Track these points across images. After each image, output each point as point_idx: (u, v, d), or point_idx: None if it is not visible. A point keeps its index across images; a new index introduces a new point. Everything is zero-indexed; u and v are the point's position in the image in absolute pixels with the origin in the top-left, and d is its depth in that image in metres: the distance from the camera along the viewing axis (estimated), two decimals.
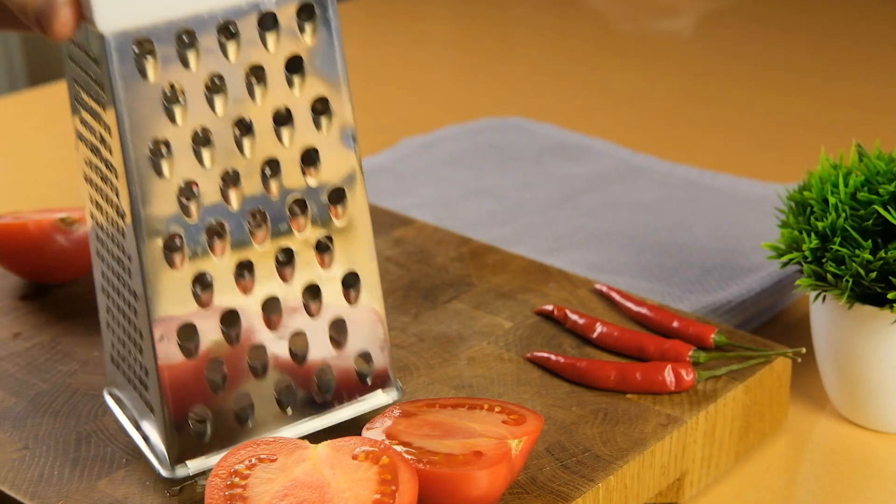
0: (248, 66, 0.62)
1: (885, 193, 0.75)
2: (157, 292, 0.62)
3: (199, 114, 0.62)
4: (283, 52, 0.63)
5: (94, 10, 0.57)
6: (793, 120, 1.29)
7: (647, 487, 0.69)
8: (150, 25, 0.59)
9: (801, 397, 0.82)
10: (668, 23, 1.62)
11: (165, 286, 0.63)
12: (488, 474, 0.61)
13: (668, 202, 1.06)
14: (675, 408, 0.72)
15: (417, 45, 1.57)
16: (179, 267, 0.63)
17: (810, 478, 0.76)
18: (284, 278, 0.66)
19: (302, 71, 0.63)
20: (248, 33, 0.62)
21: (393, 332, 0.80)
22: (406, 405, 0.68)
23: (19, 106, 1.38)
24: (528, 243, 0.98)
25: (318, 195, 0.65)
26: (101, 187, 0.65)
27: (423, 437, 0.64)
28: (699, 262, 0.95)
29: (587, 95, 1.38)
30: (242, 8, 0.60)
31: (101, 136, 0.63)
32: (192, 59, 0.61)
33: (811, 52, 1.48)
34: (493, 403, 0.68)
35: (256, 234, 0.64)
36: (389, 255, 0.89)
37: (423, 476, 0.61)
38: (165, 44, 0.59)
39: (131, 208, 0.61)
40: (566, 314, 0.80)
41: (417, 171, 1.13)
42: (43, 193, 1.13)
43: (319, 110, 0.65)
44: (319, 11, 0.63)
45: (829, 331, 0.78)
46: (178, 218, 0.62)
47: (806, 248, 0.75)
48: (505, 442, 0.64)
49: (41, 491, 0.66)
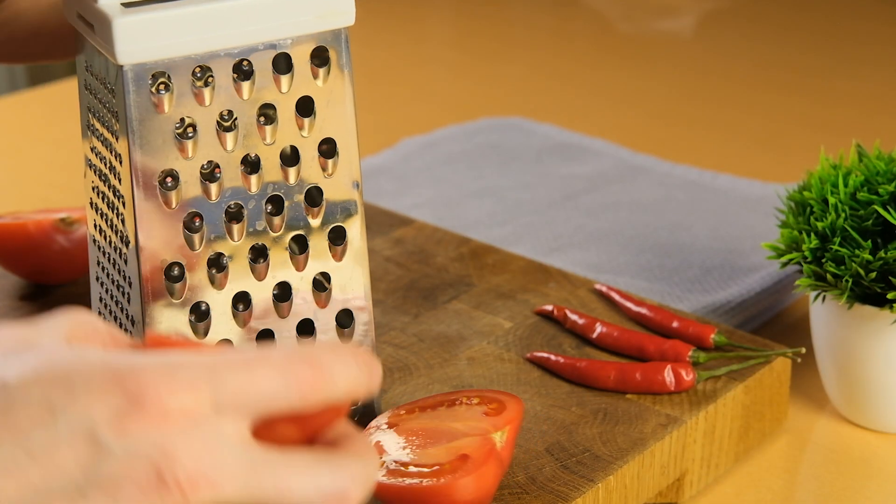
0: (260, 104, 0.63)
1: (885, 193, 0.75)
2: (155, 319, 0.63)
3: (209, 148, 0.62)
4: (295, 93, 0.64)
5: (115, 42, 0.58)
6: (793, 120, 1.29)
7: (647, 487, 0.69)
8: (167, 59, 0.59)
9: (801, 397, 0.82)
10: (668, 23, 1.62)
11: (163, 314, 0.63)
12: (475, 478, 0.61)
13: (667, 202, 1.06)
14: (674, 408, 0.72)
15: (417, 45, 1.57)
16: (179, 296, 0.63)
17: (810, 478, 0.76)
18: (281, 314, 0.66)
19: (312, 113, 0.64)
20: (262, 72, 0.62)
21: (393, 332, 0.80)
22: (389, 416, 0.68)
23: (19, 106, 1.38)
24: (527, 243, 0.98)
25: (320, 233, 0.66)
26: (106, 214, 0.66)
27: (407, 449, 0.64)
28: (699, 262, 0.95)
29: (587, 95, 1.38)
30: (258, 47, 0.61)
31: (110, 164, 0.64)
32: (206, 95, 0.61)
33: (811, 52, 1.48)
34: (471, 395, 0.68)
35: (257, 270, 0.65)
36: (389, 255, 0.89)
37: (413, 492, 0.61)
38: (181, 78, 0.60)
39: (136, 236, 0.62)
40: (566, 314, 0.80)
41: (417, 171, 1.13)
42: (43, 193, 1.13)
43: (326, 152, 0.65)
44: (334, 56, 0.64)
45: (829, 331, 0.78)
46: (181, 249, 0.63)
47: (806, 249, 0.75)
48: (488, 438, 0.64)
49: None
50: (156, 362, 0.43)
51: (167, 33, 0.59)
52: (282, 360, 0.44)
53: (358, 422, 0.69)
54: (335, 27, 0.63)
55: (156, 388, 0.42)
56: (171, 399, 0.42)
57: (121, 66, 0.59)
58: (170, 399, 0.42)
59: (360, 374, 0.45)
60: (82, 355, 0.44)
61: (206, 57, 0.60)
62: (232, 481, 0.43)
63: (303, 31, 0.62)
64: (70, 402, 0.42)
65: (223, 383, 0.43)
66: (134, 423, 0.42)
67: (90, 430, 0.42)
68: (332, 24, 0.63)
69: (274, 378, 0.44)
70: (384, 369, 0.76)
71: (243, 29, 0.61)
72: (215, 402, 0.43)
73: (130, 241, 0.62)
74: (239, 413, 0.44)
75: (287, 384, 0.44)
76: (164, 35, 0.59)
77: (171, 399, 0.42)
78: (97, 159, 0.66)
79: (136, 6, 0.59)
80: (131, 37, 0.58)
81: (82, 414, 0.42)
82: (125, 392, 0.42)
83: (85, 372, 0.43)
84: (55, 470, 0.42)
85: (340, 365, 0.45)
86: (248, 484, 0.43)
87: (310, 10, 0.62)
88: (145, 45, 0.59)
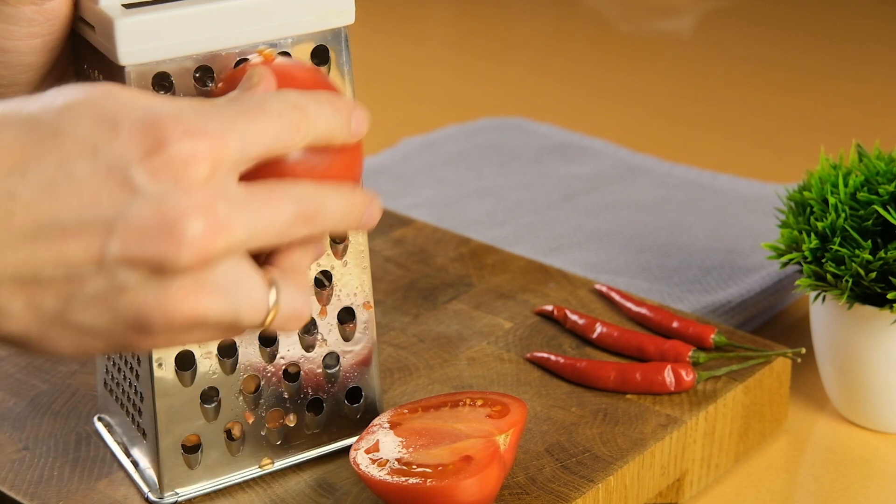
0: None
1: (885, 193, 0.75)
2: None
3: None
4: None
5: (117, 43, 0.58)
6: (793, 120, 1.29)
7: (647, 488, 0.69)
8: (168, 60, 0.59)
9: (801, 397, 0.82)
10: (668, 23, 1.63)
11: None
12: (479, 480, 0.61)
13: (667, 202, 1.06)
14: (674, 408, 0.72)
15: (417, 45, 1.58)
16: None
17: (810, 478, 0.76)
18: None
19: None
20: None
21: (393, 332, 0.80)
22: (391, 414, 0.68)
23: None
24: (527, 243, 0.98)
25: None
26: None
27: (410, 448, 0.64)
28: (699, 262, 0.95)
29: (586, 95, 1.38)
30: (259, 46, 0.61)
31: None
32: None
33: (811, 52, 1.49)
34: (475, 396, 0.68)
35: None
36: (389, 255, 0.89)
37: (416, 491, 0.61)
38: (182, 78, 0.60)
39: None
40: (566, 314, 0.80)
41: (417, 171, 1.13)
42: None
43: None
44: (334, 56, 0.64)
45: (829, 331, 0.78)
46: None
47: (806, 249, 0.75)
48: (492, 440, 0.64)
49: (41, 491, 0.66)
50: (190, 111, 0.47)
51: (169, 34, 0.59)
52: (279, 109, 0.49)
53: (360, 420, 0.69)
54: (335, 27, 0.63)
55: (178, 140, 0.46)
56: (191, 152, 0.46)
57: (122, 66, 0.59)
58: (190, 152, 0.46)
59: (338, 116, 0.51)
60: (131, 99, 0.47)
61: (208, 57, 0.60)
62: (241, 225, 0.47)
63: (303, 31, 0.62)
64: (112, 140, 0.46)
65: (241, 135, 0.48)
66: (162, 168, 0.45)
67: (125, 170, 0.45)
68: (333, 24, 0.63)
69: (275, 126, 0.49)
70: (384, 369, 0.76)
71: (244, 29, 0.61)
72: (232, 155, 0.47)
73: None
74: (245, 161, 0.48)
75: (282, 131, 0.49)
76: (166, 35, 0.59)
77: (190, 152, 0.46)
78: None
79: (138, 7, 0.59)
80: (133, 37, 0.58)
81: (121, 155, 0.45)
82: (155, 138, 0.46)
83: (129, 116, 0.46)
84: (91, 200, 0.45)
85: (320, 109, 0.51)
86: (251, 223, 0.47)
87: (310, 9, 0.62)
88: (147, 46, 0.59)
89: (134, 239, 0.45)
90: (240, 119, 0.48)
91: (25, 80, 0.62)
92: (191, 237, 0.45)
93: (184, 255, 0.46)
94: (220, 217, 0.46)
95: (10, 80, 0.62)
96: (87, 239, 0.45)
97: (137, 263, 0.46)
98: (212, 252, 0.46)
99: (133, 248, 0.45)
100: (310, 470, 0.67)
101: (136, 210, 0.45)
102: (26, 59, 0.61)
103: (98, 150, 0.46)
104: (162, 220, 0.45)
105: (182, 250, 0.45)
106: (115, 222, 0.45)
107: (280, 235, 0.49)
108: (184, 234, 0.45)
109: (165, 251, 0.45)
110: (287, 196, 0.49)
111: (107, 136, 0.46)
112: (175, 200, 0.45)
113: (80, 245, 0.45)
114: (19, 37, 0.60)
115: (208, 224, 0.46)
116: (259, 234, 0.48)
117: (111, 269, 0.46)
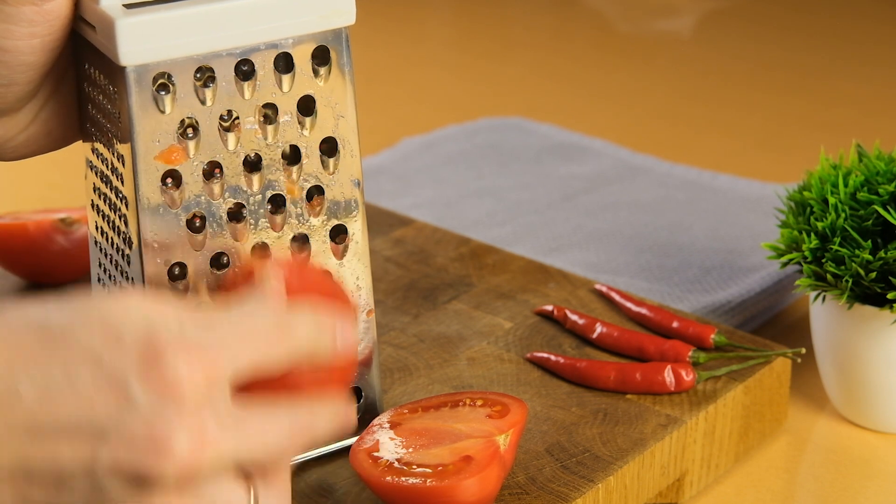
0: (262, 103, 0.63)
1: (885, 193, 0.75)
2: None
3: (211, 148, 0.62)
4: (296, 93, 0.64)
5: (118, 43, 0.58)
6: (793, 120, 1.29)
7: (647, 488, 0.69)
8: (169, 60, 0.59)
9: (801, 397, 0.82)
10: (667, 23, 1.63)
11: None
12: (479, 480, 0.61)
13: (667, 202, 1.06)
14: (674, 408, 0.72)
15: (417, 45, 1.58)
16: (183, 296, 0.63)
17: (810, 478, 0.76)
18: None
19: (313, 112, 0.64)
20: (263, 72, 0.63)
21: (393, 332, 0.80)
22: (391, 414, 0.68)
23: None
24: (527, 243, 0.98)
25: (321, 232, 0.66)
26: (108, 215, 0.66)
27: (410, 448, 0.64)
28: (699, 262, 0.95)
29: (586, 95, 1.38)
30: (259, 47, 0.61)
31: (112, 165, 0.64)
32: (208, 95, 0.61)
33: (811, 52, 1.49)
34: (475, 396, 0.68)
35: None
36: (389, 255, 0.89)
37: (416, 491, 0.61)
38: (183, 79, 0.60)
39: (139, 236, 0.62)
40: (566, 314, 0.80)
41: (417, 171, 1.13)
42: (43, 193, 1.13)
43: (327, 151, 0.65)
44: (335, 56, 0.64)
45: (829, 331, 0.78)
46: (183, 249, 0.63)
47: (806, 249, 0.75)
48: (492, 440, 0.64)
49: None
50: (190, 326, 0.49)
51: (169, 34, 0.59)
52: (265, 327, 0.51)
53: (360, 420, 0.69)
54: (336, 27, 0.63)
55: (174, 358, 0.47)
56: (187, 372, 0.47)
57: (123, 66, 0.59)
58: (186, 371, 0.47)
59: (321, 336, 0.53)
60: (139, 310, 0.49)
61: (208, 57, 0.60)
62: (228, 441, 0.48)
63: (304, 31, 0.63)
64: (115, 351, 0.47)
65: (233, 354, 0.49)
66: (157, 382, 0.47)
67: (124, 381, 0.47)
68: (333, 24, 0.63)
69: (263, 345, 0.51)
70: (384, 369, 0.76)
71: (245, 29, 0.61)
72: (223, 373, 0.49)
73: (133, 242, 0.63)
74: (236, 377, 0.50)
75: (269, 348, 0.51)
76: (167, 36, 0.59)
77: (186, 371, 0.47)
78: (98, 161, 0.66)
79: (138, 7, 0.59)
80: (134, 38, 0.58)
81: (122, 366, 0.47)
82: (154, 353, 0.47)
83: (132, 328, 0.48)
84: (88, 408, 0.47)
85: (304, 330, 0.52)
86: (238, 440, 0.49)
87: (311, 9, 0.62)
88: (147, 46, 0.59)
89: (123, 449, 0.47)
90: (231, 338, 0.50)
91: (25, 80, 0.62)
92: (177, 452, 0.47)
93: (168, 468, 0.47)
94: (208, 434, 0.48)
95: (10, 79, 0.62)
96: (80, 443, 0.47)
97: (123, 473, 0.47)
98: (196, 467, 0.48)
99: (121, 458, 0.47)
100: (309, 470, 0.67)
101: (129, 421, 0.47)
102: (26, 59, 0.61)
103: (101, 359, 0.47)
104: (151, 434, 0.47)
105: (167, 464, 0.47)
106: (109, 431, 0.47)
107: (268, 453, 0.51)
108: (171, 448, 0.47)
109: (152, 464, 0.47)
110: (276, 417, 0.51)
111: (111, 346, 0.47)
112: (167, 416, 0.47)
113: (73, 448, 0.47)
114: (19, 37, 0.60)
115: (196, 441, 0.47)
116: (246, 452, 0.50)
117: (98, 475, 0.47)
